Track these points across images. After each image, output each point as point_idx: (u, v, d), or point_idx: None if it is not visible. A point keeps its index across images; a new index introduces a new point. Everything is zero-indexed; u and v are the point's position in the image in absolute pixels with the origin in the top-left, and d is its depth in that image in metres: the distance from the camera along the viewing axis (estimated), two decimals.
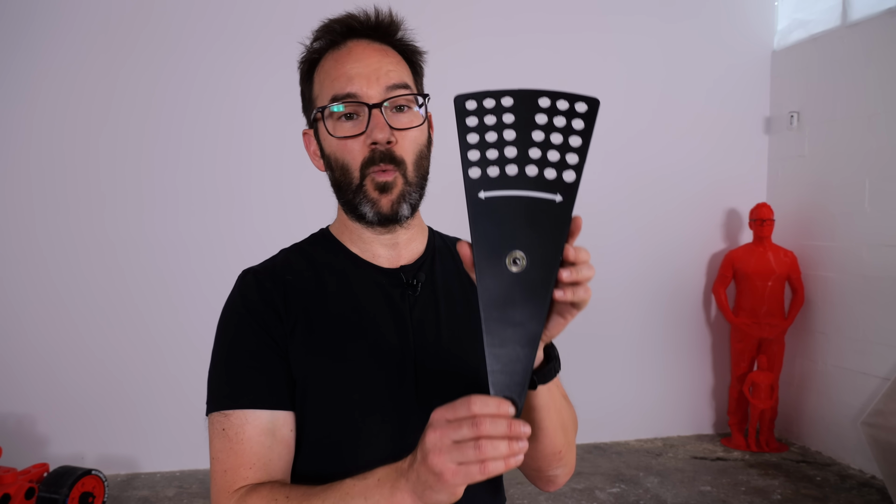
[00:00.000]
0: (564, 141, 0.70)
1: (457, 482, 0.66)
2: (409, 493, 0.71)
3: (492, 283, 0.69)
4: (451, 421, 0.66)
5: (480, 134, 0.70)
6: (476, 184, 0.69)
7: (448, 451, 0.65)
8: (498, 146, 0.70)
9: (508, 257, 0.69)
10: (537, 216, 0.70)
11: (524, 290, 0.69)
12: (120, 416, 3.75)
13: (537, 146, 0.70)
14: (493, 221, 0.69)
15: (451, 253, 1.04)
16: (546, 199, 0.70)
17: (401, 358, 0.92)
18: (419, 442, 0.70)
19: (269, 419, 0.87)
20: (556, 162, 0.70)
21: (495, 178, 0.70)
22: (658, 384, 4.46)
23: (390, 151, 0.90)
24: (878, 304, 3.74)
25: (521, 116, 0.70)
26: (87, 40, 3.69)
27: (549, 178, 0.70)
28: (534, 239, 0.69)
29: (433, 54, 1.05)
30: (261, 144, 3.89)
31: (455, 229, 1.17)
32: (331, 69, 0.92)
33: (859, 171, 3.90)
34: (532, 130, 0.70)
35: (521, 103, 0.70)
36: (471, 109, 0.70)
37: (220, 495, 0.85)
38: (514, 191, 0.70)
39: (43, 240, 3.68)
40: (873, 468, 3.70)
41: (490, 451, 0.64)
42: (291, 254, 0.99)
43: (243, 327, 0.90)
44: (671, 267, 4.44)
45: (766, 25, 4.58)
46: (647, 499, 3.45)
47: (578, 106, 0.70)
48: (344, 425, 0.89)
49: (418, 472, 0.69)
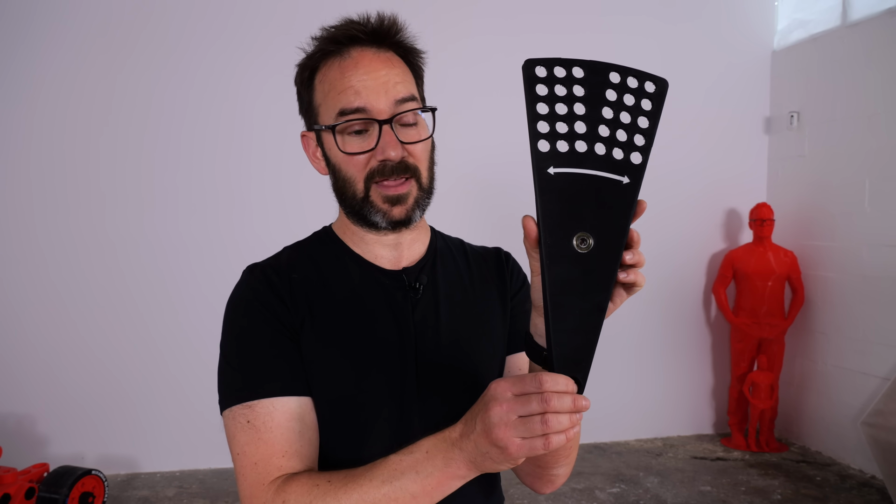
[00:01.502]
0: (633, 121, 0.69)
1: (521, 455, 0.68)
2: (465, 462, 0.72)
3: (559, 262, 0.68)
4: (518, 396, 0.67)
5: (550, 105, 0.68)
6: (545, 157, 0.68)
7: (514, 425, 0.67)
8: (568, 120, 0.68)
9: (577, 238, 0.68)
10: (604, 197, 0.68)
11: (590, 270, 0.68)
12: (120, 416, 3.75)
13: (606, 124, 0.69)
14: (561, 199, 0.68)
15: (454, 254, 1.04)
16: (614, 180, 0.68)
17: (402, 358, 0.92)
18: (477, 412, 0.70)
19: (297, 405, 0.86)
20: (624, 142, 0.69)
21: (564, 154, 0.68)
22: (658, 384, 4.46)
23: (404, 162, 0.89)
24: (878, 304, 3.74)
25: (592, 90, 0.68)
26: (87, 41, 3.69)
27: (617, 159, 0.68)
28: (600, 219, 0.68)
29: (433, 54, 1.05)
30: (261, 144, 3.89)
31: (456, 229, 1.18)
32: (336, 80, 0.90)
33: (859, 171, 3.90)
34: (602, 107, 0.68)
35: (592, 76, 0.68)
36: (541, 76, 0.68)
37: (255, 490, 0.81)
38: (584, 169, 0.68)
39: (43, 240, 3.68)
40: (873, 468, 3.70)
41: (555, 424, 0.65)
42: (294, 252, 0.99)
43: (255, 316, 0.89)
44: (671, 267, 4.44)
45: (766, 25, 4.58)
46: (647, 499, 3.45)
47: (647, 86, 0.69)
48: (346, 423, 0.89)
49: (477, 444, 0.70)
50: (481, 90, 3.65)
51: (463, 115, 3.93)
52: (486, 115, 4.03)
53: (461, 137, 3.89)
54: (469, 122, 3.96)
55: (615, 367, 4.34)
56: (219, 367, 0.90)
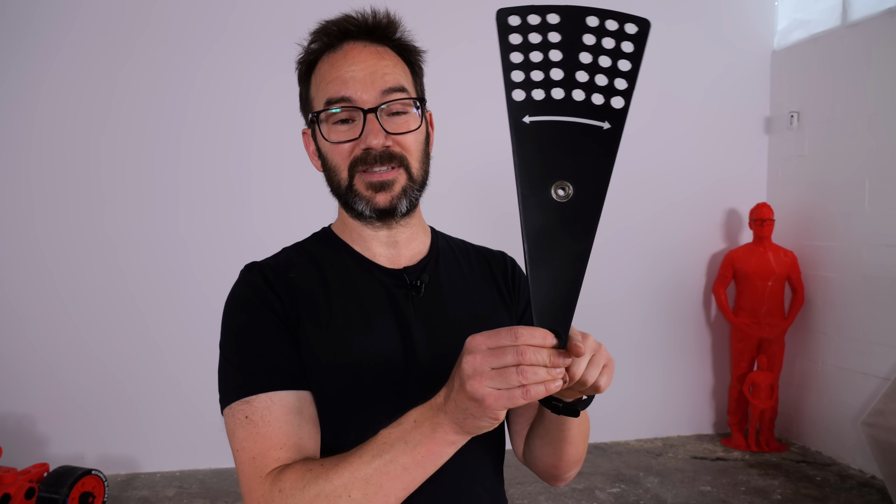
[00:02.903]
0: (613, 65, 0.67)
1: (498, 406, 0.65)
2: (451, 424, 0.70)
3: (536, 213, 0.66)
4: (492, 349, 0.65)
5: (524, 53, 0.66)
6: (520, 107, 0.66)
7: (489, 376, 0.65)
8: (543, 67, 0.66)
9: (554, 186, 0.66)
10: (583, 143, 0.66)
11: (570, 219, 0.66)
12: (120, 416, 3.75)
13: (584, 69, 0.67)
14: (538, 147, 0.66)
15: (456, 254, 1.04)
16: (593, 126, 0.66)
17: (405, 359, 0.91)
18: (455, 370, 0.69)
19: (295, 399, 0.86)
20: (604, 87, 0.67)
21: (540, 102, 0.66)
22: (658, 384, 4.46)
23: (388, 150, 0.89)
24: (878, 304, 3.74)
25: (568, 36, 0.66)
26: (87, 41, 3.69)
27: (597, 104, 0.67)
28: (580, 167, 0.66)
29: (434, 55, 1.05)
30: (261, 145, 3.89)
31: (457, 229, 1.18)
32: (326, 72, 0.92)
33: (859, 171, 3.90)
34: (579, 52, 0.66)
35: (568, 21, 0.66)
36: (514, 25, 0.66)
37: (252, 483, 0.80)
38: (561, 116, 0.66)
39: (43, 240, 3.68)
40: (873, 468, 3.70)
41: (532, 375, 0.64)
42: (294, 252, 0.99)
43: (253, 313, 0.89)
44: (671, 267, 4.45)
45: (766, 25, 4.59)
46: (647, 499, 3.45)
47: (628, 27, 0.66)
48: (347, 424, 0.89)
49: (456, 401, 0.68)
50: (483, 92, 3.65)
51: (464, 116, 3.93)
52: (488, 116, 4.01)
53: (462, 138, 3.89)
54: (470, 122, 3.96)
55: (615, 366, 4.33)
56: (218, 366, 0.90)
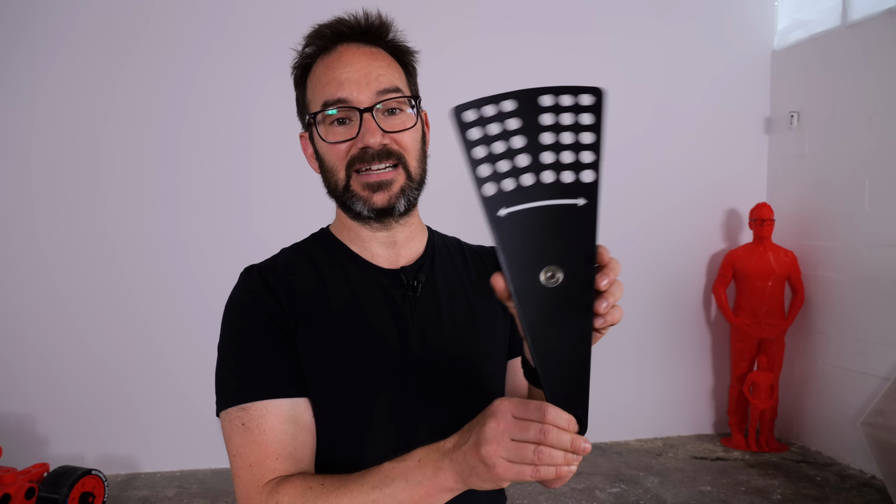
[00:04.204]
0: (576, 139, 0.66)
1: (506, 477, 0.66)
2: (453, 474, 0.71)
3: (531, 303, 0.65)
4: (518, 419, 0.66)
5: (487, 146, 0.65)
6: (493, 201, 0.65)
7: (506, 446, 0.65)
8: (508, 156, 0.66)
9: (543, 273, 0.65)
10: (563, 224, 0.66)
11: (565, 302, 0.65)
12: (120, 416, 3.75)
13: (549, 149, 0.66)
14: (519, 237, 0.65)
15: (451, 253, 1.04)
16: (569, 205, 0.66)
17: (403, 359, 0.92)
18: (474, 425, 0.69)
19: (290, 407, 0.86)
20: (571, 164, 0.66)
21: (512, 192, 0.65)
22: (658, 384, 4.46)
23: (385, 148, 0.90)
24: (878, 304, 3.74)
25: (527, 120, 0.66)
26: (87, 41, 3.69)
27: (568, 182, 0.66)
28: (564, 248, 0.65)
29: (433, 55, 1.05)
30: (261, 145, 3.89)
31: (455, 228, 1.18)
32: (322, 75, 0.92)
33: (859, 171, 3.89)
34: (540, 133, 0.66)
35: (524, 105, 0.66)
36: (471, 120, 0.65)
37: (250, 491, 0.82)
38: (535, 202, 0.66)
39: (43, 240, 3.68)
40: (873, 468, 3.70)
41: (548, 458, 0.64)
42: (293, 253, 0.99)
43: (251, 319, 0.90)
44: (671, 267, 4.44)
45: (766, 25, 4.58)
46: (647, 499, 3.45)
47: (583, 98, 0.66)
48: (347, 425, 0.89)
49: (466, 456, 0.69)
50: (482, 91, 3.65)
51: None
52: None
53: None
54: None
55: (615, 366, 4.34)
56: (216, 369, 0.91)
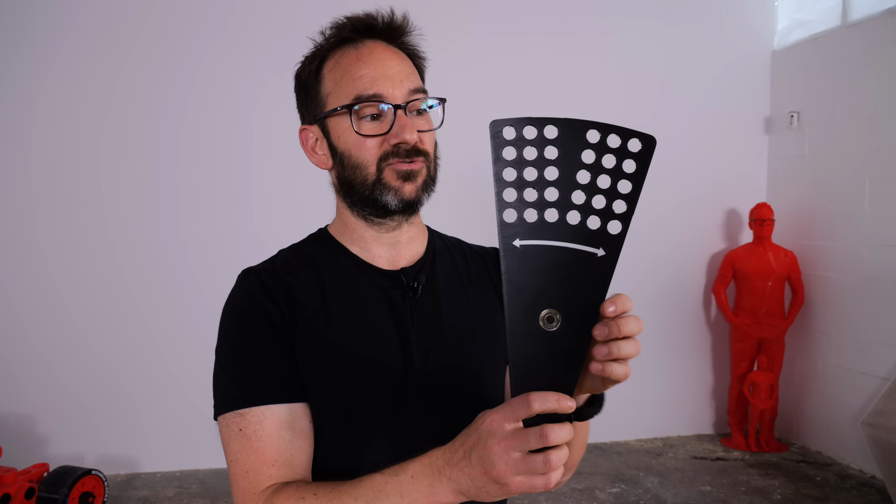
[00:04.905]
0: (612, 185, 0.62)
1: (519, 491, 0.67)
2: (452, 491, 0.72)
3: (523, 340, 0.63)
4: (514, 431, 0.66)
5: (518, 170, 0.62)
6: (511, 228, 0.62)
7: (515, 464, 0.66)
8: (538, 186, 0.62)
9: (542, 314, 0.63)
10: (575, 271, 0.62)
11: (557, 350, 0.63)
12: (120, 416, 3.75)
13: (582, 189, 0.62)
14: (528, 273, 0.62)
15: (452, 253, 1.04)
16: (587, 253, 0.62)
17: (402, 362, 0.91)
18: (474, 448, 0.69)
19: (288, 412, 0.86)
20: (601, 210, 0.63)
21: (532, 225, 0.62)
22: (658, 384, 4.45)
23: (416, 147, 0.91)
24: (878, 304, 3.74)
25: (566, 152, 0.62)
26: (87, 41, 3.69)
27: (592, 229, 0.63)
28: (571, 296, 0.62)
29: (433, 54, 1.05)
30: (261, 145, 3.89)
31: (453, 228, 1.18)
32: (351, 67, 0.91)
33: (859, 171, 3.89)
34: (577, 170, 0.62)
35: (567, 136, 0.62)
36: (508, 139, 0.62)
37: (247, 498, 0.83)
38: (553, 241, 0.62)
39: (43, 240, 3.68)
40: (873, 468, 3.70)
41: (557, 463, 0.65)
42: (291, 255, 0.98)
43: (249, 323, 0.89)
44: (671, 267, 4.44)
45: (766, 25, 4.58)
46: (647, 499, 3.45)
47: (631, 144, 0.62)
48: (347, 427, 0.89)
49: (472, 478, 0.69)
50: (481, 90, 3.65)
51: (462, 115, 3.93)
52: (486, 115, 4.01)
53: (460, 136, 3.89)
54: (469, 121, 3.96)
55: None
56: (214, 374, 0.91)
